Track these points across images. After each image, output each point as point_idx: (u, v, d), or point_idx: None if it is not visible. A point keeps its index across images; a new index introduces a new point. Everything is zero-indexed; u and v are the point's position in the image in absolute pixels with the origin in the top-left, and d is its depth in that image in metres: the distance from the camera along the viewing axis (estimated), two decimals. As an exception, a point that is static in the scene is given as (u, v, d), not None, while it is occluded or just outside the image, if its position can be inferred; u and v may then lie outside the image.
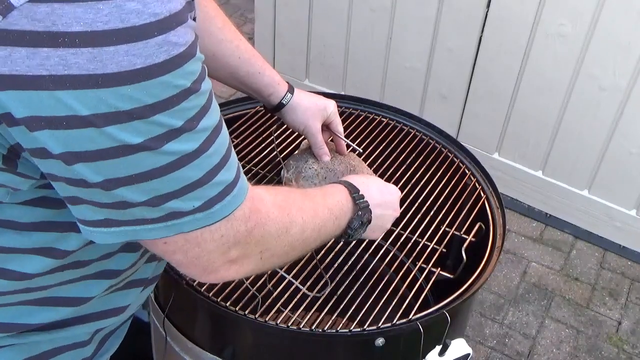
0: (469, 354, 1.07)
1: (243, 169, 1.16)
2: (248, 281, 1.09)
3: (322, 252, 1.14)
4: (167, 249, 0.66)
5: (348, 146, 1.21)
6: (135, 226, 0.61)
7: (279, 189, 0.81)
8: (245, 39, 1.10)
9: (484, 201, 1.26)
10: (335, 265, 1.13)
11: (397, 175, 1.32)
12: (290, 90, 1.14)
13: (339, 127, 1.18)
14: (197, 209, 0.62)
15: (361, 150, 1.24)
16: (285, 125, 1.24)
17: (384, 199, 0.98)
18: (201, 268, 0.69)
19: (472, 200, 1.27)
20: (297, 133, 1.23)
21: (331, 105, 1.15)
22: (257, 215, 0.70)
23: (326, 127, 1.17)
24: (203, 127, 0.59)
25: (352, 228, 0.90)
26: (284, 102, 1.13)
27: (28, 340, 0.77)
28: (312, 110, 1.14)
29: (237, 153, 1.32)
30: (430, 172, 1.33)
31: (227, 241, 0.67)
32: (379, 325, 1.00)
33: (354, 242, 1.17)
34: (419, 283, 1.13)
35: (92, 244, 0.72)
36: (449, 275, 1.15)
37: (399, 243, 1.20)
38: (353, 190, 0.92)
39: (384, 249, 1.17)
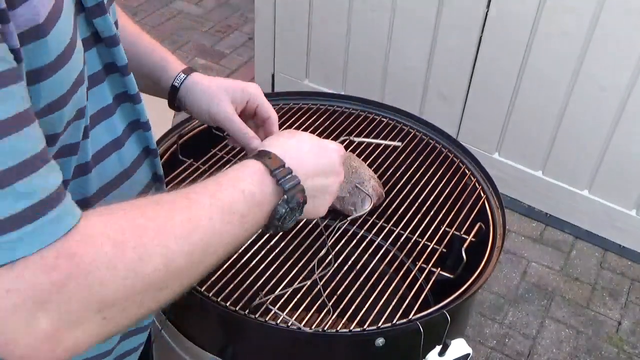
0: (469, 354, 1.07)
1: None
2: (248, 281, 1.09)
3: (321, 253, 1.14)
4: None
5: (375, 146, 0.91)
6: None
7: (123, 207, 0.56)
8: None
9: (484, 201, 1.26)
10: (335, 265, 1.13)
11: (397, 175, 1.32)
12: (187, 71, 0.91)
13: (270, 111, 0.91)
14: None
15: (399, 144, 0.92)
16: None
17: (320, 163, 0.76)
18: None
19: (472, 200, 1.27)
20: None
21: (252, 87, 0.91)
22: (71, 261, 0.48)
23: (254, 115, 0.92)
24: None
25: (279, 218, 0.68)
26: (176, 83, 0.89)
27: None
28: (213, 90, 0.89)
29: (234, 156, 1.32)
30: (430, 172, 1.33)
31: (22, 302, 0.46)
32: (379, 325, 1.00)
33: (354, 241, 1.17)
34: (419, 283, 1.13)
35: None
36: (449, 275, 1.14)
37: (399, 243, 1.20)
38: (274, 166, 0.69)
39: (384, 249, 1.17)
